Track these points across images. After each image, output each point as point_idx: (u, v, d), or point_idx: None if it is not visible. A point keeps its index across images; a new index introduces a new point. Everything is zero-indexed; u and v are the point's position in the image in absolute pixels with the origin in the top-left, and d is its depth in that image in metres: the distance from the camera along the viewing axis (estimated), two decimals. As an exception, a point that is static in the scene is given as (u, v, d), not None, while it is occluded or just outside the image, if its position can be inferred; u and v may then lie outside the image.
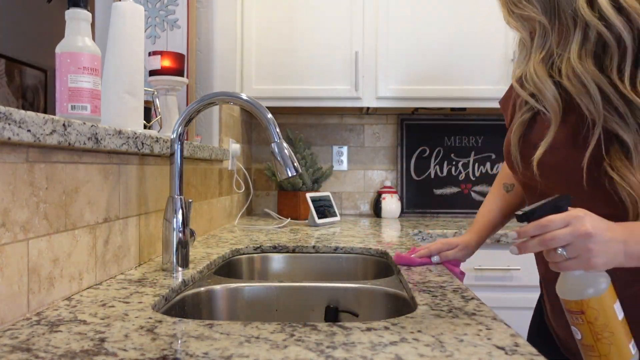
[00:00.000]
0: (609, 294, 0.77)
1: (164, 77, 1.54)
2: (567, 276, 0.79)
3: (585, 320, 0.77)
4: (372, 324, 0.76)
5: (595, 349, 0.78)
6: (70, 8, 0.96)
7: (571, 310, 0.78)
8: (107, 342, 0.67)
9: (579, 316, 0.78)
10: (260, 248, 1.55)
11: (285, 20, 2.34)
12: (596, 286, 0.77)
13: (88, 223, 0.96)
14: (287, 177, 1.09)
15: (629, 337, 0.78)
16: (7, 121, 0.69)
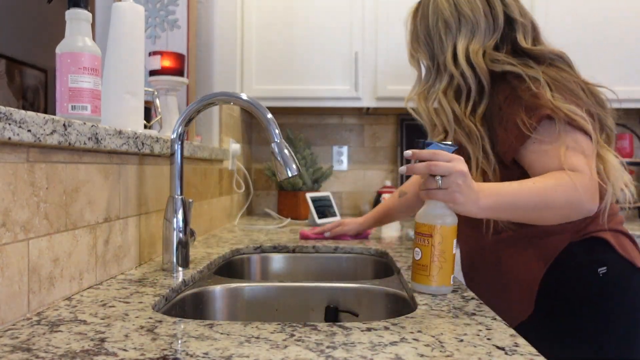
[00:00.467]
0: (453, 230, 0.95)
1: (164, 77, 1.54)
2: (429, 205, 0.96)
3: (430, 243, 0.95)
4: (372, 324, 0.76)
5: (428, 268, 0.95)
6: (71, 8, 0.96)
7: (423, 232, 0.96)
8: (107, 342, 0.67)
9: (426, 238, 0.95)
10: (260, 248, 1.55)
11: (285, 20, 2.34)
12: (448, 219, 0.95)
13: (88, 223, 0.96)
14: (287, 177, 1.09)
15: (453, 270, 0.97)
16: (8, 121, 0.69)
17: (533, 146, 1.09)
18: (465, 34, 1.21)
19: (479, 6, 1.22)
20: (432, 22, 1.26)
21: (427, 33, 1.27)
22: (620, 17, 2.29)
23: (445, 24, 1.24)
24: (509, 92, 1.14)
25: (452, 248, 0.95)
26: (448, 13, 1.23)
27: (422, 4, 1.30)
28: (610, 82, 2.31)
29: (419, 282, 0.96)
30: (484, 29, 1.21)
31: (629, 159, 2.49)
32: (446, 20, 1.23)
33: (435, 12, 1.25)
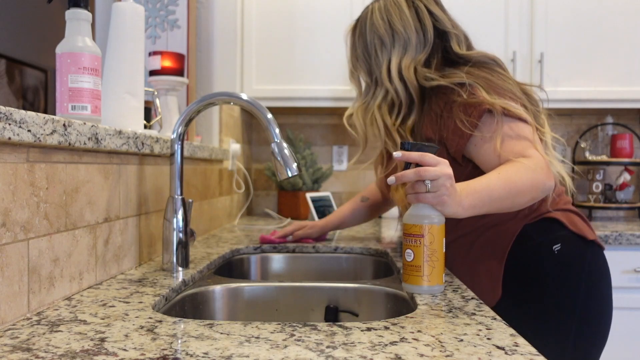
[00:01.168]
0: (442, 229, 0.97)
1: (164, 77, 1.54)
2: (417, 206, 0.97)
3: (422, 243, 0.96)
4: (372, 324, 0.76)
5: (422, 269, 0.96)
6: (71, 8, 0.96)
7: (413, 233, 0.96)
8: (107, 342, 0.67)
9: (418, 239, 0.96)
10: (260, 248, 1.55)
11: (285, 20, 2.34)
12: (436, 218, 0.96)
13: (88, 223, 0.96)
14: (287, 177, 1.09)
15: (444, 269, 0.99)
16: (8, 121, 0.69)
17: (477, 141, 1.18)
18: (398, 49, 1.30)
19: (410, 22, 1.30)
20: (369, 39, 1.34)
21: (364, 50, 1.35)
22: (619, 17, 2.29)
23: (380, 40, 1.32)
24: (446, 99, 1.22)
25: (442, 247, 0.97)
26: (382, 30, 1.31)
27: (360, 22, 1.38)
28: (610, 82, 2.33)
29: (412, 283, 0.97)
30: (415, 44, 1.29)
31: (629, 159, 2.49)
32: (381, 37, 1.32)
33: (371, 29, 1.33)
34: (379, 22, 1.32)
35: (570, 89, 2.31)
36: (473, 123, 1.16)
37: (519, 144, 1.14)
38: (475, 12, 2.32)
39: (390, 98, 1.30)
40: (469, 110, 1.17)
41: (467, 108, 1.18)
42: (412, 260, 0.97)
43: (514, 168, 1.09)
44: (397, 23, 1.30)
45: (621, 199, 2.55)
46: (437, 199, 0.96)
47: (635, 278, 2.01)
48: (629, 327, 2.02)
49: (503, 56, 2.29)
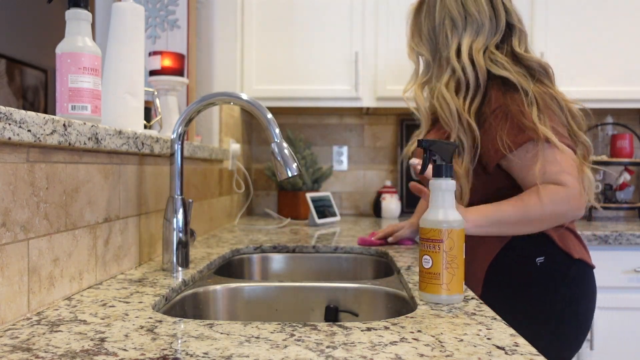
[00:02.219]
0: (463, 233, 0.91)
1: (164, 77, 1.54)
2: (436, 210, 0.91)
3: (441, 249, 0.89)
4: (372, 324, 0.76)
5: (441, 276, 0.89)
6: (71, 8, 0.96)
7: (432, 238, 0.90)
8: (107, 342, 0.67)
9: (436, 244, 0.89)
10: (260, 248, 1.55)
11: (285, 21, 2.34)
12: (457, 222, 0.90)
13: (88, 223, 0.96)
14: (287, 177, 1.09)
15: (464, 277, 0.92)
16: (8, 121, 0.69)
17: (514, 160, 1.21)
18: (471, 32, 1.30)
19: (485, 9, 1.30)
20: (439, 19, 1.33)
21: (432, 29, 1.35)
22: (619, 17, 2.29)
23: (452, 21, 1.31)
24: (500, 101, 1.23)
25: (462, 253, 0.90)
26: (456, 12, 1.31)
27: (428, 1, 1.37)
28: (610, 82, 2.33)
29: (430, 292, 0.90)
30: (487, 30, 1.30)
31: (629, 159, 2.48)
32: (453, 18, 1.31)
33: (443, 9, 1.32)
34: (452, 2, 1.31)
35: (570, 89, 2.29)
36: (510, 148, 1.19)
37: (554, 168, 1.17)
38: (475, 12, 2.32)
39: (457, 78, 1.29)
40: (514, 132, 1.19)
41: (513, 127, 1.19)
42: (430, 267, 0.90)
43: (535, 199, 1.15)
44: (472, 6, 1.30)
45: (621, 199, 2.55)
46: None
47: (635, 278, 2.01)
48: (629, 327, 2.02)
49: (503, 56, 2.29)
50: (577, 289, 1.27)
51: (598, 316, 2.00)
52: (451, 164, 0.93)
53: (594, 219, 2.49)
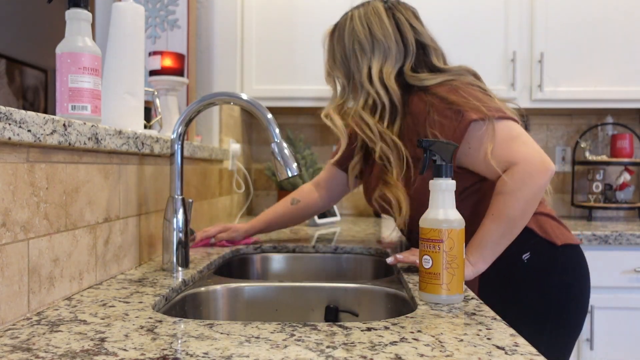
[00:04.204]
0: (463, 233, 0.91)
1: (164, 77, 1.54)
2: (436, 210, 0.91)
3: (441, 249, 0.89)
4: (372, 324, 0.76)
5: (441, 276, 0.89)
6: (71, 8, 0.96)
7: (432, 238, 0.90)
8: (107, 342, 0.67)
9: (436, 244, 0.89)
10: (260, 248, 1.55)
11: (285, 21, 2.34)
12: (457, 222, 0.90)
13: (88, 223, 0.96)
14: (287, 177, 1.09)
15: (464, 277, 0.92)
16: (8, 121, 0.69)
17: (467, 152, 1.19)
18: (378, 56, 1.31)
19: (390, 32, 1.31)
20: (348, 43, 1.35)
21: (343, 53, 1.37)
22: (619, 17, 2.29)
23: (360, 46, 1.33)
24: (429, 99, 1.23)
25: (462, 253, 0.91)
26: (362, 36, 1.33)
27: (339, 26, 1.40)
28: (610, 82, 2.33)
29: (430, 292, 0.90)
30: (395, 54, 1.31)
31: (629, 159, 2.48)
32: (361, 42, 1.33)
33: (351, 34, 1.35)
34: (359, 28, 1.34)
35: (570, 89, 2.31)
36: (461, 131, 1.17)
37: (506, 148, 1.15)
38: (475, 12, 2.32)
39: (372, 101, 1.31)
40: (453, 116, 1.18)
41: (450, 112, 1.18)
42: (430, 267, 0.90)
43: (503, 199, 1.13)
44: (378, 31, 1.32)
45: (621, 199, 2.55)
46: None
47: (635, 278, 2.01)
48: (629, 327, 2.02)
49: (503, 56, 2.30)
50: (568, 274, 1.28)
51: (598, 316, 2.01)
52: (451, 164, 0.93)
53: (594, 219, 2.49)
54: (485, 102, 1.19)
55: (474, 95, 1.21)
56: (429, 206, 0.93)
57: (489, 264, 1.13)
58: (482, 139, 1.16)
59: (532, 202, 1.14)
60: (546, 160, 1.13)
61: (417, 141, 0.97)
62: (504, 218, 1.12)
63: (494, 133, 1.16)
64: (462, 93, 1.21)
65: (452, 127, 1.18)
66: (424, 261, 0.91)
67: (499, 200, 1.14)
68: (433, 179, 0.93)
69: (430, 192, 0.93)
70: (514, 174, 1.12)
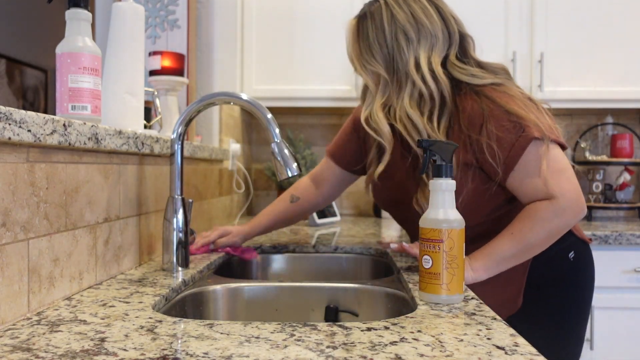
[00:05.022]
0: (463, 233, 0.91)
1: (164, 77, 1.54)
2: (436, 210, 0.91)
3: (441, 249, 0.89)
4: (372, 324, 0.76)
5: (441, 276, 0.89)
6: (71, 8, 0.96)
7: (432, 238, 0.90)
8: (107, 342, 0.67)
9: (437, 244, 0.89)
10: (260, 248, 1.55)
11: (285, 21, 2.34)
12: (457, 222, 0.90)
13: (88, 223, 0.96)
14: (287, 177, 1.09)
15: (464, 277, 0.92)
16: (8, 121, 0.69)
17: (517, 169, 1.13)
18: (425, 45, 1.21)
19: (436, 20, 1.22)
20: (390, 33, 1.22)
21: (384, 44, 1.23)
22: (619, 17, 2.29)
23: (405, 35, 1.21)
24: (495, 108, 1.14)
25: (462, 253, 0.90)
26: (408, 25, 1.21)
27: (373, 14, 1.26)
28: (610, 82, 2.33)
29: (430, 292, 0.90)
30: (442, 42, 1.22)
31: (629, 159, 2.48)
32: (406, 31, 1.21)
33: (393, 23, 1.22)
34: (401, 15, 1.22)
35: (570, 89, 2.31)
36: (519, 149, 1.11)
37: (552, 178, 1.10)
38: (475, 11, 2.32)
39: (418, 94, 1.20)
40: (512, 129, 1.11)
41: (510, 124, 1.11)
42: (430, 267, 0.90)
43: (530, 224, 1.10)
44: (422, 17, 1.21)
45: (621, 199, 2.55)
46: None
47: (635, 278, 2.01)
48: (629, 327, 2.02)
49: (503, 56, 2.30)
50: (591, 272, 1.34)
51: (598, 316, 2.01)
52: (451, 164, 0.93)
53: (594, 219, 2.49)
54: (540, 118, 1.14)
55: (530, 108, 1.15)
56: (429, 206, 0.93)
57: (489, 276, 1.12)
58: (540, 159, 1.11)
59: (555, 237, 1.13)
60: (582, 202, 1.12)
61: (417, 141, 0.97)
62: (523, 241, 1.11)
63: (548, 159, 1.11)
64: (520, 104, 1.14)
65: (510, 142, 1.11)
66: (424, 261, 0.91)
67: (525, 223, 1.11)
68: (433, 179, 0.93)
69: (430, 192, 0.94)
70: (550, 205, 1.10)
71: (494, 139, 1.12)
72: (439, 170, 0.93)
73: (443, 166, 0.93)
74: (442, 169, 0.92)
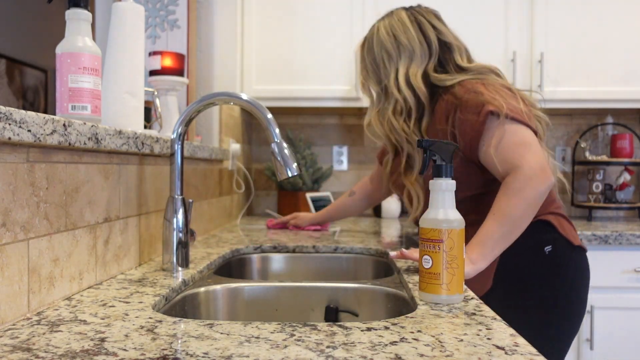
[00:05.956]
0: (463, 233, 0.91)
1: (164, 77, 1.54)
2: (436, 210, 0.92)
3: (441, 249, 0.89)
4: (372, 324, 0.76)
5: (441, 276, 0.89)
6: (71, 8, 0.96)
7: (432, 238, 0.90)
8: (107, 342, 0.67)
9: (436, 244, 0.90)
10: (260, 248, 1.55)
11: (285, 20, 2.34)
12: (457, 222, 0.90)
13: (88, 223, 0.96)
14: (287, 177, 1.09)
15: (464, 277, 0.93)
16: (8, 121, 0.69)
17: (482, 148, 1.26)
18: (404, 60, 1.41)
19: (413, 35, 1.41)
20: (377, 52, 1.46)
21: (373, 63, 1.47)
22: (619, 17, 2.29)
23: (387, 53, 1.44)
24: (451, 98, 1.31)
25: (462, 253, 0.91)
26: (389, 44, 1.43)
27: (367, 39, 1.50)
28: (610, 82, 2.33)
29: (430, 292, 0.90)
30: (419, 54, 1.40)
31: (629, 159, 2.48)
32: (387, 50, 1.43)
33: (378, 44, 1.45)
34: (385, 37, 1.44)
35: (570, 89, 2.31)
36: (480, 126, 1.24)
37: (513, 152, 1.20)
38: (475, 12, 2.32)
39: (400, 105, 1.40)
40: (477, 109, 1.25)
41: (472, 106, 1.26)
42: (430, 267, 0.90)
43: (506, 199, 1.17)
44: (402, 36, 1.42)
45: (621, 199, 2.55)
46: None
47: (635, 278, 2.01)
48: (629, 327, 2.02)
49: (503, 56, 2.29)
50: (578, 274, 1.35)
51: (598, 316, 2.01)
52: (451, 164, 0.93)
53: (594, 219, 2.49)
54: (508, 101, 1.25)
55: (498, 91, 1.27)
56: (429, 206, 0.93)
57: (489, 262, 1.15)
58: (493, 133, 1.23)
59: (532, 206, 1.18)
60: (547, 171, 1.18)
61: (417, 141, 0.98)
62: (505, 217, 1.16)
63: (504, 132, 1.22)
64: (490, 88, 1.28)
65: (472, 122, 1.25)
66: (424, 261, 0.91)
67: (501, 200, 1.18)
68: (433, 178, 0.93)
69: (430, 192, 0.94)
70: (517, 176, 1.18)
71: (458, 126, 1.28)
72: (439, 170, 0.93)
73: (443, 166, 0.93)
74: (442, 169, 0.93)
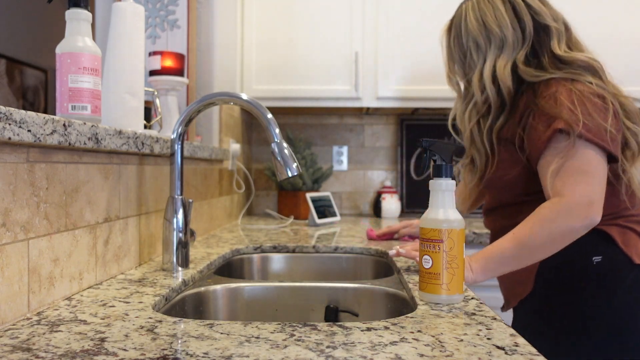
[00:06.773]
0: (463, 233, 0.91)
1: (164, 77, 1.54)
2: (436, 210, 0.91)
3: (441, 249, 0.89)
4: (372, 324, 0.76)
5: (441, 276, 0.89)
6: (71, 8, 0.96)
7: (432, 238, 0.90)
8: (107, 342, 0.67)
9: (436, 244, 0.90)
10: (261, 248, 1.55)
11: (285, 20, 2.34)
12: (457, 222, 0.90)
13: (88, 223, 0.96)
14: (287, 177, 1.09)
15: (464, 277, 0.92)
16: (8, 121, 0.69)
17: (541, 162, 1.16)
18: (494, 50, 1.26)
19: (506, 20, 1.25)
20: (465, 43, 1.30)
21: (462, 54, 1.33)
22: (619, 17, 2.29)
23: (475, 43, 1.28)
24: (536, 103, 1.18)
25: (462, 253, 0.90)
26: (477, 32, 1.28)
27: (454, 23, 1.35)
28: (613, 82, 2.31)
29: (430, 292, 0.90)
30: (512, 42, 1.25)
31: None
32: (475, 39, 1.28)
33: (466, 32, 1.30)
34: (473, 23, 1.28)
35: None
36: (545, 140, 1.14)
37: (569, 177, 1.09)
38: (475, 12, 2.31)
39: (481, 101, 1.28)
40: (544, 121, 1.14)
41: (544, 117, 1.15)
42: (430, 267, 0.90)
43: (530, 223, 1.09)
44: (492, 22, 1.26)
45: (621, 199, 2.55)
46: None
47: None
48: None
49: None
50: (633, 296, 1.19)
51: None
52: (451, 164, 0.93)
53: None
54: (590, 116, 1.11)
55: (584, 102, 1.13)
56: (429, 206, 0.93)
57: (488, 278, 1.10)
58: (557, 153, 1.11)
59: (558, 241, 1.09)
60: (594, 210, 1.07)
61: (417, 141, 0.97)
62: (522, 243, 1.09)
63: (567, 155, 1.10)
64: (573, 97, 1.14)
65: (539, 132, 1.15)
66: (424, 261, 0.91)
67: (527, 222, 1.10)
68: (433, 178, 0.93)
69: (430, 192, 0.94)
70: (554, 205, 1.08)
71: (527, 131, 1.18)
72: (439, 170, 0.93)
73: (443, 166, 0.93)
74: (442, 169, 0.92)
